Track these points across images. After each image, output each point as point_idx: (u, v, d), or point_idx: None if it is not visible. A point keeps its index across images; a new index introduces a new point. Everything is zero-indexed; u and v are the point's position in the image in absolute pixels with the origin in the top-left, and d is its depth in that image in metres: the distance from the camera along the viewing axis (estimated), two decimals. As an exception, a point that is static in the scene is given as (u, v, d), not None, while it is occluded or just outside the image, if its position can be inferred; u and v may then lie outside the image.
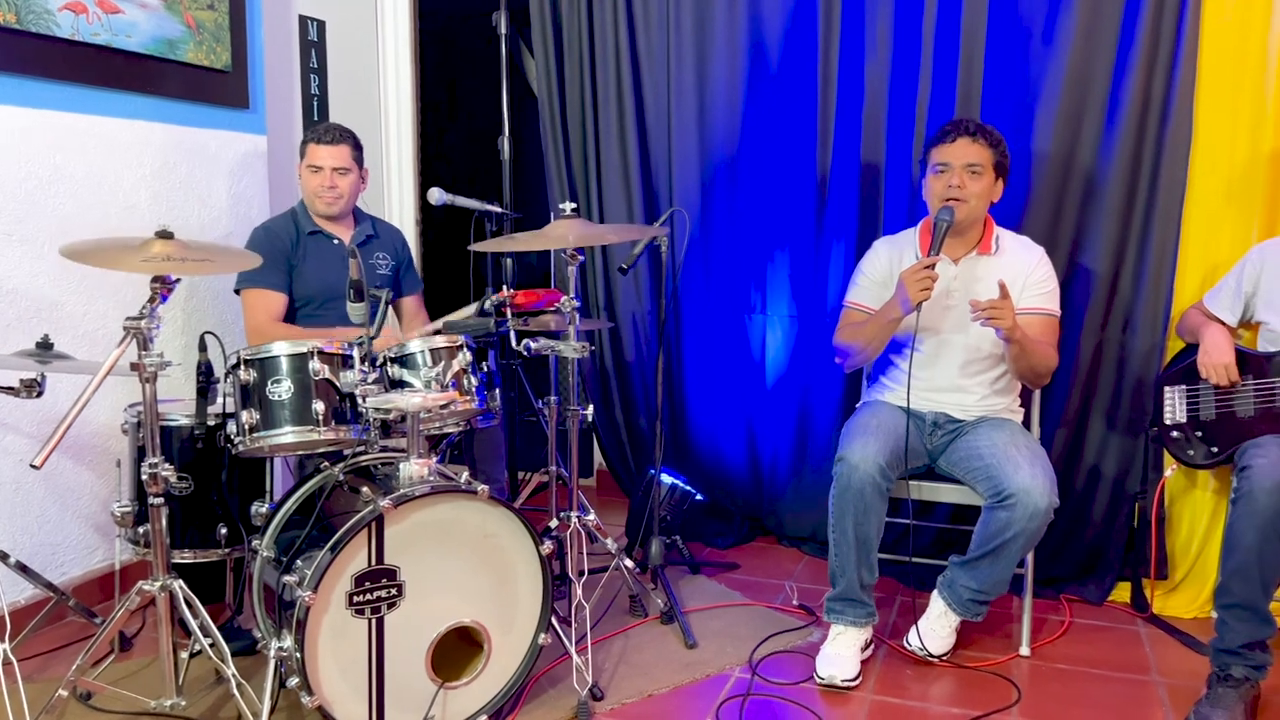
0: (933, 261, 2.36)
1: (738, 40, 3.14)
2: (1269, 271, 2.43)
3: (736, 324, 3.31)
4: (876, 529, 2.41)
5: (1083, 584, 2.93)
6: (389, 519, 1.95)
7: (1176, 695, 2.34)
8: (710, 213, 3.28)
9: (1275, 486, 2.09)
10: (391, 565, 1.97)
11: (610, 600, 2.80)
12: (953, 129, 2.48)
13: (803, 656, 2.51)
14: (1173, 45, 2.67)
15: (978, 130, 2.46)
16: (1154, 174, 2.74)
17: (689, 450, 3.46)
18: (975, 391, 2.57)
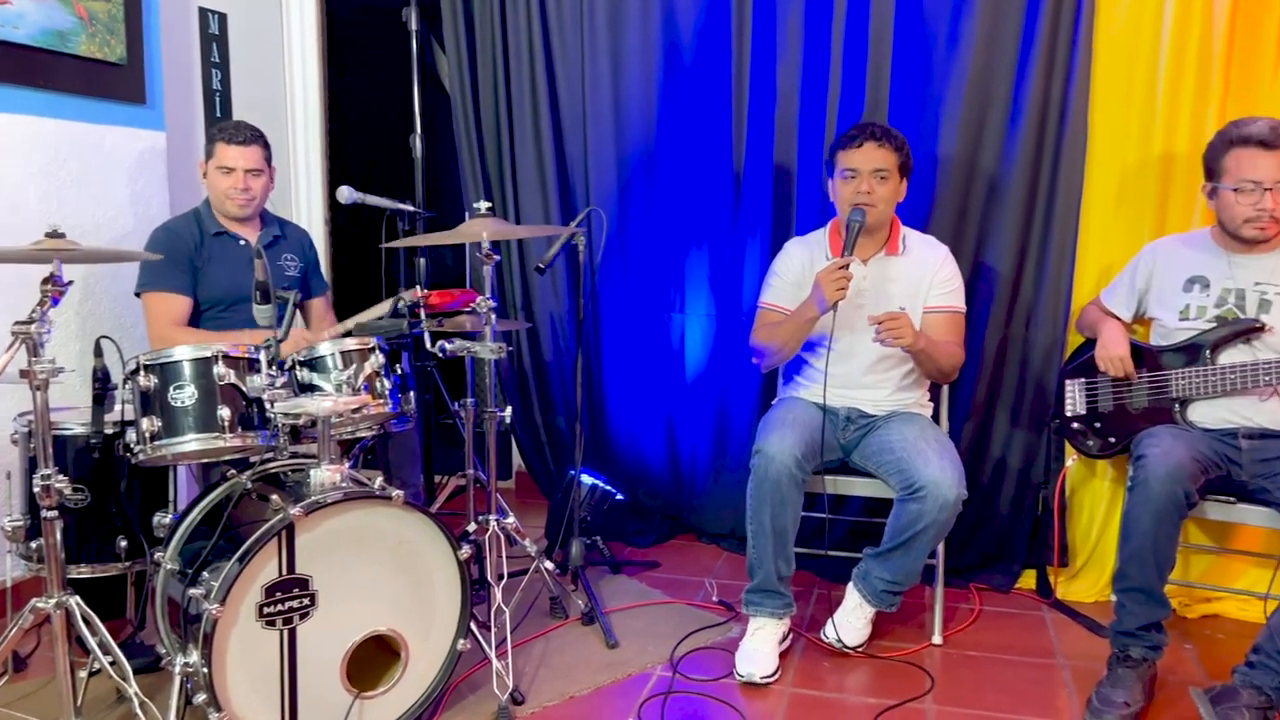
0: (847, 262, 2.41)
1: (652, 39, 3.15)
2: (1160, 269, 2.55)
3: (656, 323, 3.32)
4: (793, 520, 2.45)
5: (991, 572, 3.03)
6: (300, 527, 1.90)
7: (1080, 677, 2.43)
8: (628, 211, 3.28)
9: (1168, 475, 2.18)
10: (303, 574, 1.91)
11: (530, 603, 2.78)
12: (859, 134, 2.53)
13: (723, 652, 2.53)
14: (1069, 52, 2.77)
15: (884, 135, 2.52)
16: (1053, 176, 2.84)
17: (609, 450, 3.46)
18: (886, 387, 2.63)
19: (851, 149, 2.53)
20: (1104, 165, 2.80)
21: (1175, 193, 2.75)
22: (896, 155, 2.54)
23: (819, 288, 2.42)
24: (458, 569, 2.11)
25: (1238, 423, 2.38)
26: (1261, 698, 2.06)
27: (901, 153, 2.55)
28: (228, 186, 2.66)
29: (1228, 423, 2.39)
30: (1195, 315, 2.45)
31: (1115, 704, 2.17)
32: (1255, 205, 2.30)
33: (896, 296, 2.56)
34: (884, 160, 2.51)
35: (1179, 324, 2.47)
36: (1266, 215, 2.29)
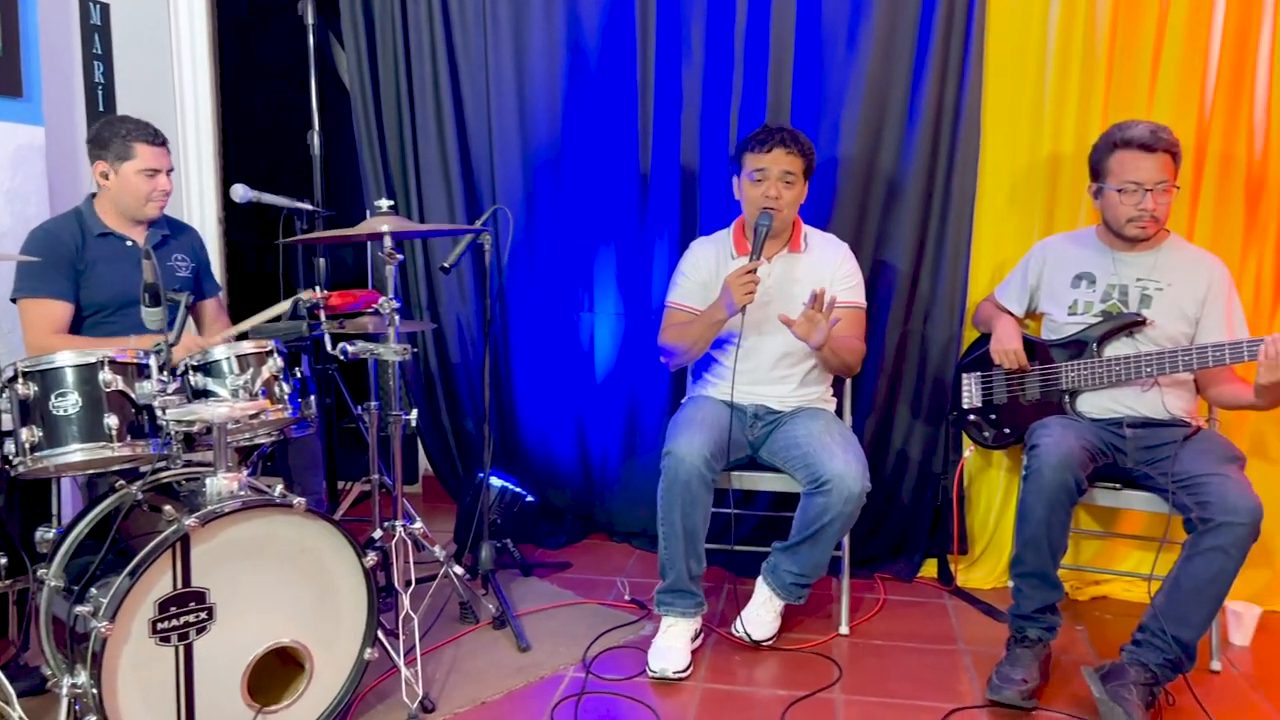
0: (755, 265, 2.44)
1: (556, 38, 3.13)
2: (1049, 266, 2.65)
3: (565, 322, 3.30)
4: (703, 519, 2.47)
5: (894, 562, 3.11)
6: (196, 538, 1.82)
7: (980, 660, 2.51)
8: (535, 210, 3.25)
9: (1059, 463, 2.27)
10: (200, 587, 1.84)
11: (440, 609, 2.73)
12: (768, 137, 2.57)
13: (635, 651, 2.53)
14: (961, 58, 2.86)
15: (793, 141, 2.57)
16: (948, 178, 2.92)
17: (519, 451, 3.43)
18: (791, 383, 2.68)
19: (761, 152, 2.57)
20: (996, 167, 2.91)
21: (1063, 193, 2.86)
22: (803, 160, 2.59)
23: (728, 291, 2.45)
24: (363, 577, 2.06)
25: (1122, 412, 2.49)
26: (1147, 674, 2.17)
27: (808, 158, 2.60)
28: (150, 190, 2.55)
29: (1113, 412, 2.50)
30: (1083, 310, 2.55)
31: (1014, 681, 2.25)
32: (1137, 205, 2.41)
33: (801, 293, 2.61)
34: (792, 165, 2.56)
35: (1068, 319, 2.57)
36: (1148, 215, 2.41)
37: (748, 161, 2.59)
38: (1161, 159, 2.38)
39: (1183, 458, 2.30)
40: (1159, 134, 2.39)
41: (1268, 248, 2.76)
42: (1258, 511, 2.11)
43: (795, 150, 2.56)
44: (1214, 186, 2.77)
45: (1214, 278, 2.46)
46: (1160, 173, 2.39)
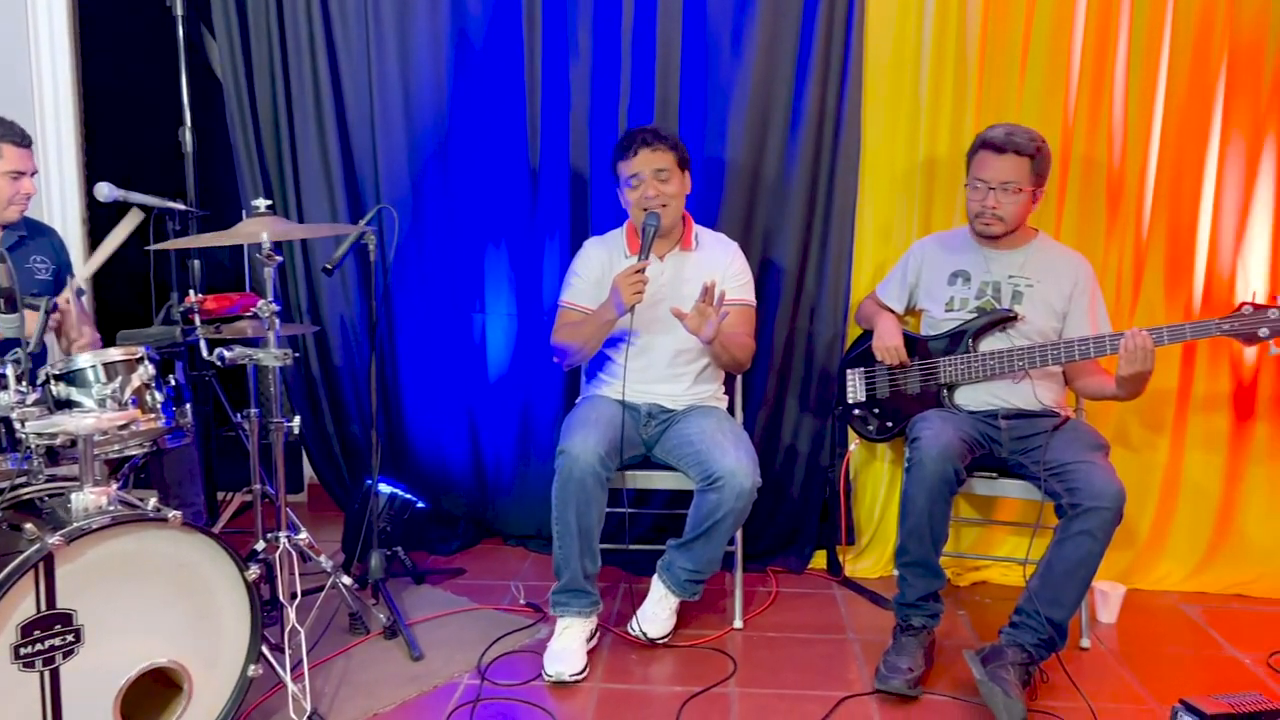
0: (644, 265, 2.45)
1: (441, 34, 3.07)
2: (927, 265, 2.75)
3: (455, 322, 3.25)
4: (598, 519, 2.47)
5: (786, 555, 3.17)
6: (61, 557, 1.72)
7: (868, 648, 2.59)
8: (422, 209, 3.18)
9: (939, 455, 2.35)
10: (66, 609, 1.74)
11: (328, 621, 2.65)
12: (630, 142, 2.59)
13: (532, 655, 2.51)
14: (842, 62, 2.94)
15: (654, 138, 2.59)
16: (831, 178, 3.00)
17: (409, 456, 3.35)
18: (684, 380, 2.70)
19: (629, 158, 2.59)
20: (876, 167, 2.99)
21: (939, 193, 2.97)
22: (672, 153, 2.61)
23: (617, 291, 2.45)
24: (245, 591, 1.98)
25: (997, 404, 2.60)
26: (1024, 654, 2.27)
27: (677, 149, 2.63)
28: (13, 193, 2.42)
29: (989, 405, 2.61)
30: (959, 307, 2.65)
31: (900, 670, 2.32)
32: (981, 202, 2.54)
33: (693, 292, 2.63)
34: (661, 160, 2.58)
35: (945, 315, 2.67)
36: (989, 212, 2.53)
37: (620, 170, 2.63)
38: (1011, 160, 2.49)
39: (1053, 446, 2.42)
40: (1013, 136, 2.50)
41: (1127, 246, 2.93)
42: (1121, 496, 2.24)
43: (660, 145, 2.58)
44: (1078, 187, 2.92)
45: (1079, 275, 2.59)
46: (1007, 173, 2.50)
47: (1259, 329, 2.28)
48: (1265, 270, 2.90)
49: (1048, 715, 2.25)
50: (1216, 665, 2.55)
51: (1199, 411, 2.98)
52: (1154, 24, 2.83)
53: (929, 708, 2.29)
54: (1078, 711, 2.27)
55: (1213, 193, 2.89)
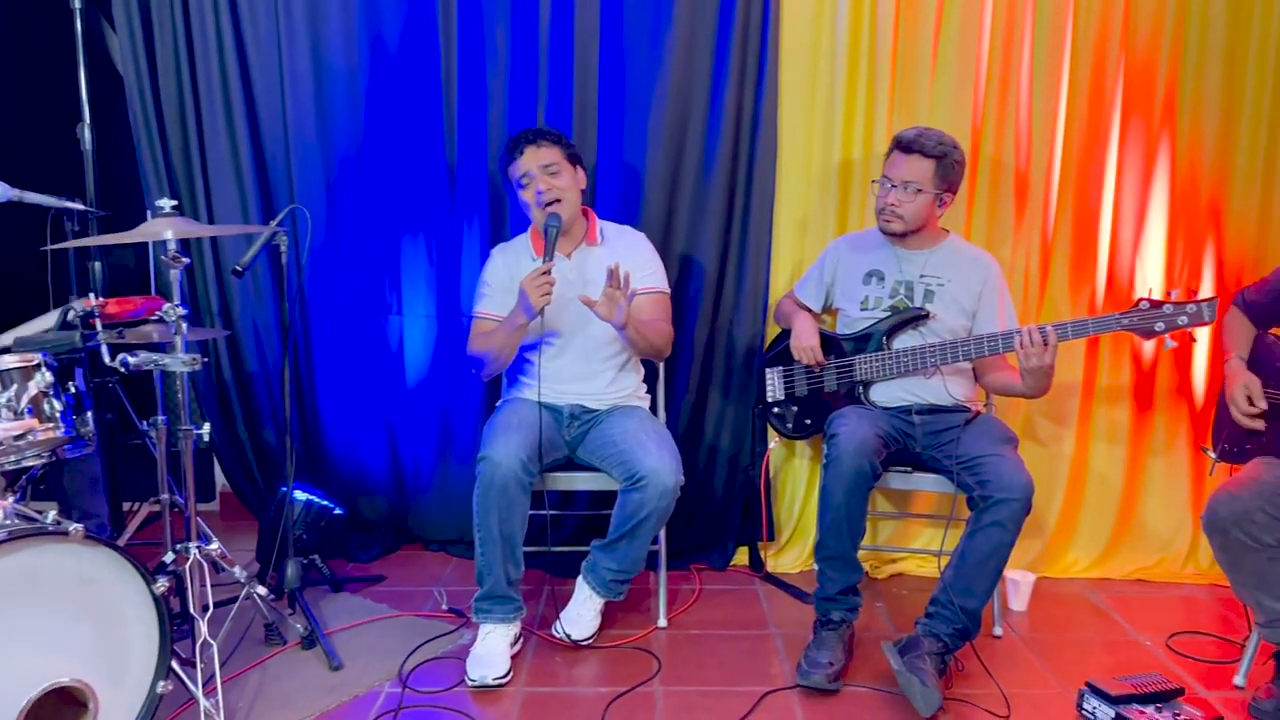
0: (549, 267, 2.44)
1: (354, 31, 3.00)
2: (843, 265, 2.80)
3: (372, 325, 3.18)
4: (520, 524, 2.45)
5: (709, 553, 3.19)
6: (-49, 576, 1.64)
7: (790, 642, 2.62)
8: (338, 210, 3.11)
9: (856, 450, 2.40)
10: (-43, 630, 1.65)
11: (243, 633, 2.57)
12: (515, 145, 2.61)
13: (455, 660, 2.48)
14: (758, 61, 2.97)
15: (536, 136, 2.61)
16: (749, 178, 3.03)
17: (326, 462, 3.28)
18: (604, 377, 2.70)
19: (517, 159, 2.61)
20: (793, 168, 3.04)
21: (855, 193, 3.03)
22: (558, 147, 2.62)
23: (524, 295, 2.44)
24: (154, 605, 1.92)
25: (911, 400, 2.66)
26: (939, 644, 2.33)
27: (562, 143, 2.64)
28: None
29: (903, 401, 2.67)
30: (873, 305, 2.71)
31: (820, 665, 2.36)
32: (883, 199, 2.62)
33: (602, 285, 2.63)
34: (548, 156, 2.59)
35: (860, 314, 2.73)
36: (890, 209, 2.60)
37: (512, 174, 2.64)
38: (916, 160, 2.56)
39: (964, 440, 2.49)
40: (921, 138, 2.57)
41: (1034, 245, 3.03)
42: (1030, 487, 2.31)
43: (545, 141, 2.60)
44: (987, 188, 3.01)
45: (988, 274, 2.67)
46: (910, 173, 2.57)
47: (1155, 324, 2.38)
48: (1161, 268, 3.03)
49: (963, 703, 2.31)
50: (1120, 648, 2.65)
51: (1102, 404, 3.10)
52: (1055, 33, 2.93)
53: (849, 700, 2.34)
54: (991, 698, 2.34)
55: (1113, 194, 3.01)
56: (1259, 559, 2.20)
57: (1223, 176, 2.99)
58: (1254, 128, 2.95)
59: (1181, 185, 3.00)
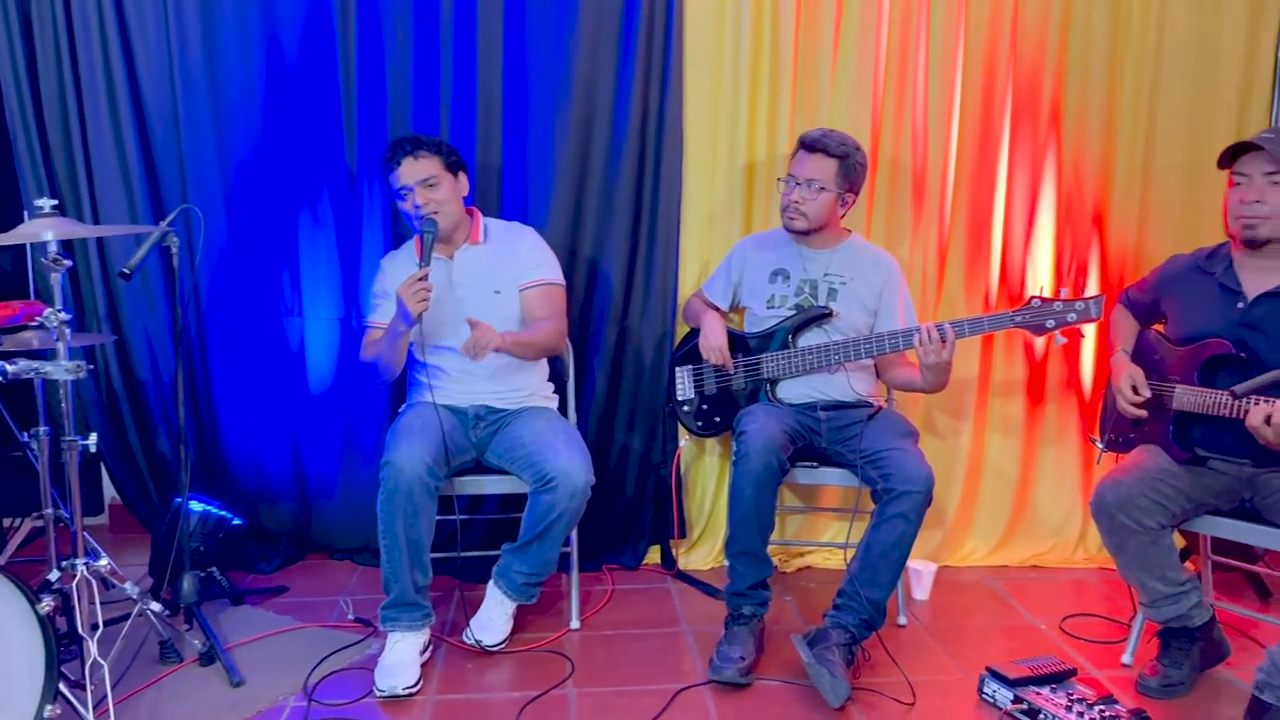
0: (424, 273, 2.40)
1: (250, 28, 2.90)
2: (749, 264, 2.84)
3: (272, 328, 3.08)
4: (427, 529, 2.41)
5: (621, 553, 3.20)
6: None
7: (702, 639, 2.65)
8: (235, 210, 3.00)
9: (764, 447, 2.43)
10: None
11: (136, 651, 2.46)
12: (392, 155, 2.57)
13: (362, 671, 2.42)
14: (663, 62, 2.98)
15: (415, 146, 2.56)
16: (656, 178, 3.04)
17: (224, 471, 3.16)
18: (504, 376, 2.67)
19: (394, 171, 2.56)
20: (700, 167, 3.06)
21: (761, 192, 3.07)
22: (437, 158, 2.58)
23: (402, 303, 2.39)
24: (38, 625, 1.82)
25: (816, 397, 2.71)
26: (846, 635, 2.38)
27: (441, 153, 2.59)
28: None
29: (808, 397, 2.72)
30: (779, 304, 2.75)
31: (732, 659, 2.39)
32: (787, 196, 2.67)
33: (490, 283, 2.61)
34: (426, 169, 2.54)
35: (766, 312, 2.77)
36: (793, 206, 2.66)
37: (391, 184, 2.60)
38: (819, 159, 2.62)
39: (867, 435, 2.55)
40: (825, 138, 2.63)
41: (931, 244, 3.12)
42: (930, 480, 2.38)
43: (423, 153, 2.55)
44: (886, 188, 3.09)
45: (889, 274, 2.74)
46: (813, 171, 2.63)
47: (1047, 321, 2.48)
48: (1050, 267, 3.16)
49: (871, 692, 2.37)
50: (1017, 633, 2.75)
51: (997, 398, 3.22)
52: (949, 39, 3.03)
53: (761, 694, 2.37)
54: (898, 686, 2.40)
55: (1004, 196, 3.13)
56: (1142, 542, 2.32)
57: (1105, 181, 3.14)
58: (1132, 136, 3.10)
59: (1068, 188, 3.14)
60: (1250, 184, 2.20)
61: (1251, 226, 2.21)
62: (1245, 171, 2.22)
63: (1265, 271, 2.26)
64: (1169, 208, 3.14)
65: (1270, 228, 2.20)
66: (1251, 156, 2.21)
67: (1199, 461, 2.34)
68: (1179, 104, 3.10)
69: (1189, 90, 3.10)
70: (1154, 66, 3.07)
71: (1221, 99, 3.10)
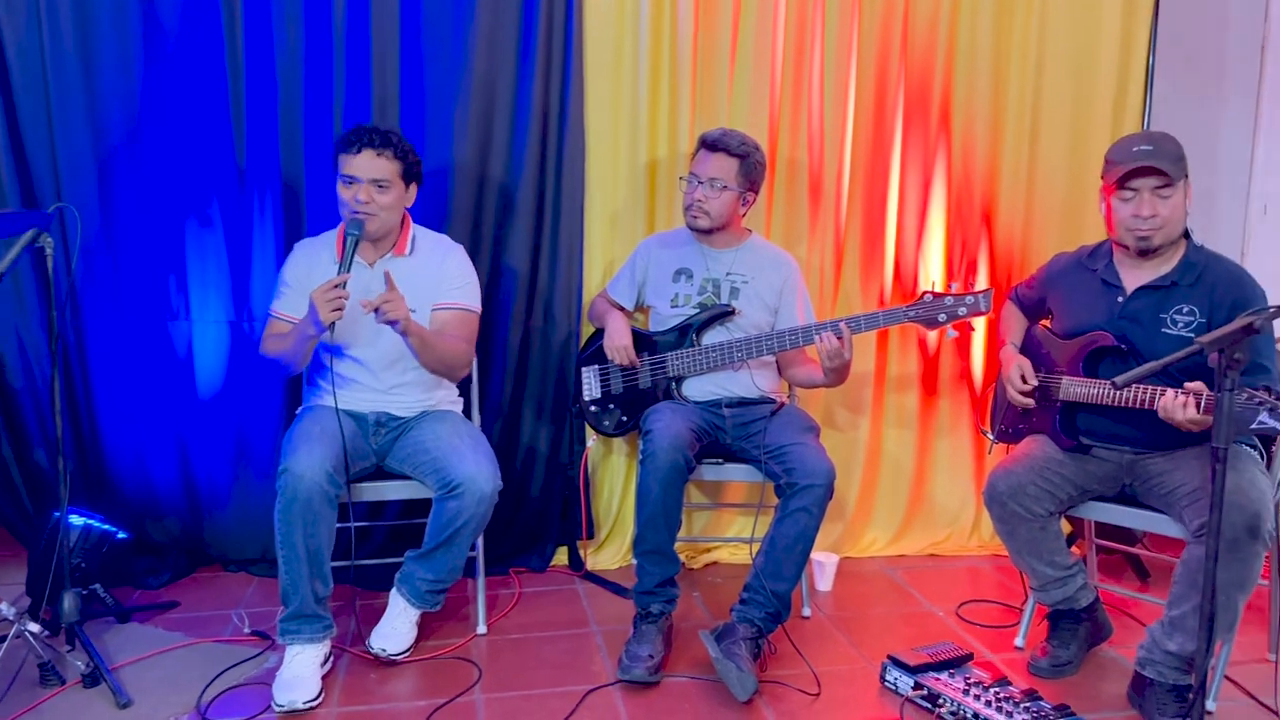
0: (341, 280, 2.30)
1: (128, 18, 2.76)
2: (653, 263, 2.85)
3: (157, 332, 2.94)
4: (327, 538, 2.34)
5: (528, 555, 3.17)
6: None
7: (611, 639, 2.64)
8: (114, 209, 2.86)
9: (670, 446, 2.44)
10: None
11: (14, 675, 2.33)
12: (357, 140, 2.44)
13: (260, 686, 2.34)
14: (563, 62, 2.97)
15: (384, 143, 2.45)
16: (558, 180, 3.01)
17: (108, 482, 3.01)
18: (411, 389, 2.61)
19: (351, 154, 2.44)
20: (602, 166, 3.06)
21: (662, 193, 3.08)
22: (398, 164, 2.48)
23: (314, 308, 2.29)
24: (-100, 654, 1.70)
25: (721, 394, 2.74)
26: (754, 629, 2.40)
27: (405, 161, 2.49)
28: None
29: (713, 395, 2.74)
30: (683, 303, 2.77)
31: (641, 659, 2.39)
32: (690, 195, 2.69)
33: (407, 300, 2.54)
34: (383, 170, 2.45)
35: (671, 311, 2.78)
36: (696, 205, 2.68)
37: (340, 163, 2.47)
38: (721, 158, 2.65)
39: (770, 431, 2.58)
40: (725, 137, 2.67)
41: (828, 243, 3.19)
42: (831, 473, 2.43)
43: (388, 153, 2.45)
44: (784, 188, 3.14)
45: (788, 273, 2.78)
46: (715, 170, 2.66)
47: (938, 315, 2.55)
48: (941, 263, 3.27)
49: (777, 684, 2.40)
50: (916, 620, 2.83)
51: (893, 391, 3.30)
52: (843, 39, 3.09)
53: (670, 691, 2.38)
54: (803, 677, 2.44)
55: (897, 195, 3.22)
56: (1031, 528, 2.41)
57: (993, 179, 3.25)
58: (1017, 136, 3.23)
59: (958, 187, 3.24)
60: (1140, 198, 2.29)
61: (1146, 238, 2.31)
62: (1134, 186, 2.30)
63: (1143, 266, 2.37)
64: (1053, 206, 3.28)
65: (1162, 236, 2.30)
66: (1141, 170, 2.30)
67: (1083, 450, 2.44)
68: (1060, 107, 3.24)
69: (1069, 94, 3.24)
70: (1036, 68, 3.20)
71: (1099, 102, 3.25)
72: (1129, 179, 2.28)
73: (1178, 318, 2.30)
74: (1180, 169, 2.27)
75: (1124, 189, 2.31)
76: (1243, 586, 2.12)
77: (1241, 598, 2.14)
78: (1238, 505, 2.07)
